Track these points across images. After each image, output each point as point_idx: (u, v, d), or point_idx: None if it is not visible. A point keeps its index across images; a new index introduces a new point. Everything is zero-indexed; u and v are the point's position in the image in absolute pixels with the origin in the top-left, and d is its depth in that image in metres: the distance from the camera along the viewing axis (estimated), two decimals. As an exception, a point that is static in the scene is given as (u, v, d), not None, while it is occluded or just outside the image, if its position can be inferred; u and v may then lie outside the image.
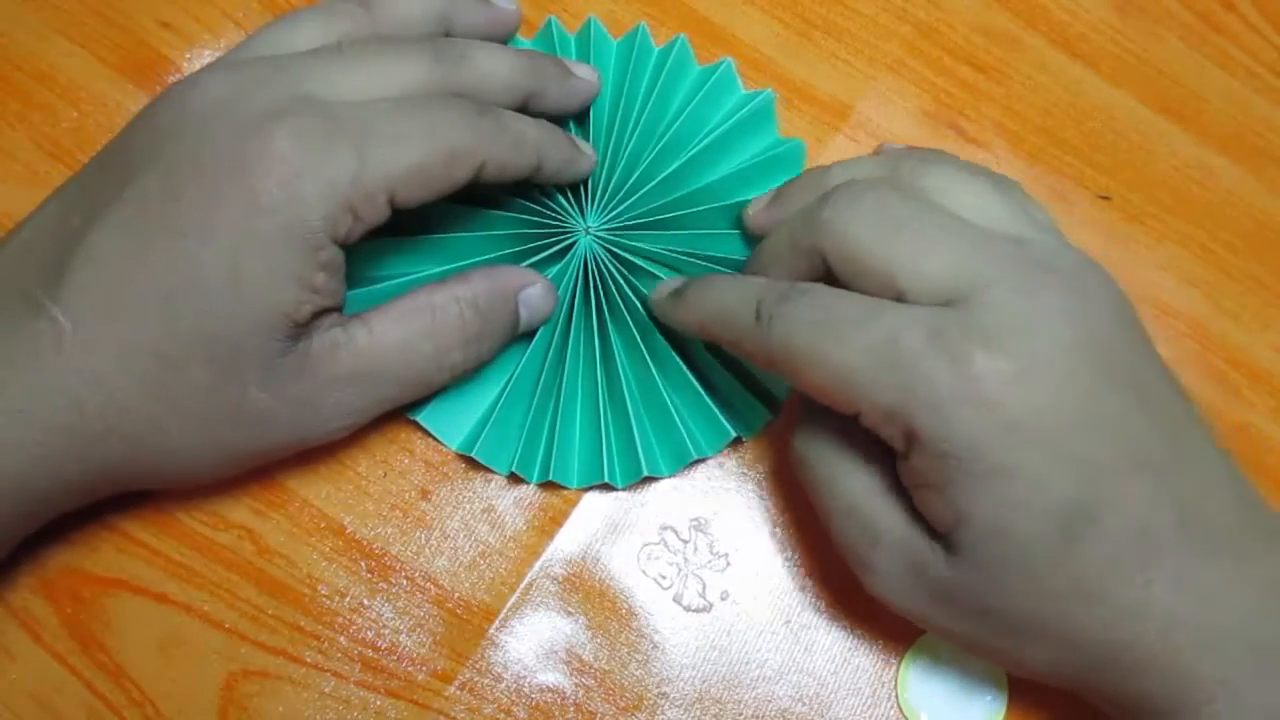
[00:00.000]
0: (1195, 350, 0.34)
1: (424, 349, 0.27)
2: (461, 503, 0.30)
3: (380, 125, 0.25)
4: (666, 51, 0.33)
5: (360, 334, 0.27)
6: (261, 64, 0.26)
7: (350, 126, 0.25)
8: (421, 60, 0.27)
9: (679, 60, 0.33)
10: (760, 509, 0.31)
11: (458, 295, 0.28)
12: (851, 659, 0.30)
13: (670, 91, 0.33)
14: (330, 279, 0.26)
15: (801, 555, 0.31)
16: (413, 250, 0.30)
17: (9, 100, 0.33)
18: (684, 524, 0.31)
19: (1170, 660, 0.24)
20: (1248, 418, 0.33)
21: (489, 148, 0.27)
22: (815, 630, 0.30)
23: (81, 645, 0.28)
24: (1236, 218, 0.35)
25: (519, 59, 0.29)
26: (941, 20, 0.36)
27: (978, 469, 0.23)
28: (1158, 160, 0.36)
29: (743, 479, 0.31)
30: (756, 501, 0.31)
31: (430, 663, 0.29)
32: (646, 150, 0.32)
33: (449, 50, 0.28)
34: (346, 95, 0.26)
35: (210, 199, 0.24)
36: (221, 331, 0.25)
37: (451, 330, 0.28)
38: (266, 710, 0.28)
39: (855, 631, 0.30)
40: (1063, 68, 0.36)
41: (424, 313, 0.28)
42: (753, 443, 0.32)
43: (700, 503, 0.31)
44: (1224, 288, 0.35)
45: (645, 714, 0.29)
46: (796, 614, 0.30)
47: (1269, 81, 0.37)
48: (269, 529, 0.30)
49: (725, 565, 0.31)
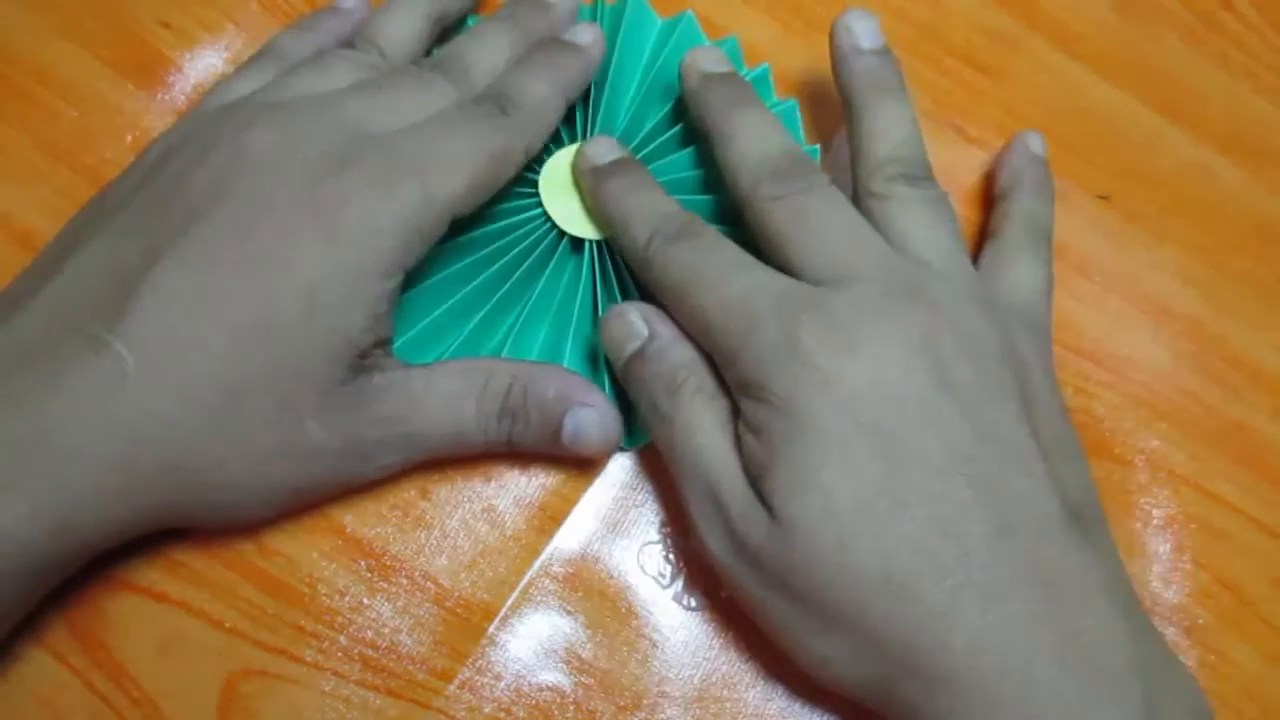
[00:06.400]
0: (1194, 350, 0.34)
1: (467, 409, 0.28)
2: (461, 502, 0.31)
3: (432, 152, 0.28)
4: (670, 27, 0.35)
5: (418, 379, 0.28)
6: (305, 104, 0.28)
7: (409, 159, 0.27)
8: (440, 85, 0.30)
9: (685, 34, 0.35)
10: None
11: (516, 374, 0.29)
12: (851, 658, 0.30)
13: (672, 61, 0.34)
14: (390, 308, 0.27)
15: (801, 555, 0.31)
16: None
17: (9, 100, 0.33)
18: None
19: (975, 683, 0.23)
20: (1248, 418, 0.33)
21: (524, 137, 0.29)
22: (815, 630, 0.30)
23: (82, 644, 0.28)
24: (1236, 218, 0.35)
25: (507, 33, 0.31)
26: (941, 20, 0.36)
27: (791, 419, 0.25)
28: (1158, 160, 0.36)
29: (742, 478, 0.31)
30: (756, 501, 0.31)
31: (430, 662, 0.29)
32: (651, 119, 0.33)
33: (455, 65, 0.30)
34: (392, 127, 0.28)
35: (288, 236, 0.26)
36: (289, 361, 0.26)
37: (496, 400, 0.28)
38: (266, 709, 0.28)
39: (855, 631, 0.30)
40: (1063, 68, 0.36)
41: (479, 375, 0.28)
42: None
43: (700, 502, 0.31)
44: (1223, 288, 0.35)
45: (645, 713, 0.29)
46: (796, 613, 0.30)
47: (1269, 81, 0.37)
48: (269, 528, 0.30)
49: (725, 565, 0.31)
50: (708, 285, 0.27)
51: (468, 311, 0.30)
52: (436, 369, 0.28)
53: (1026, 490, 0.25)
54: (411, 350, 0.30)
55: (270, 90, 0.29)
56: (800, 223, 0.28)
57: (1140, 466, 0.33)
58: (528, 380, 0.28)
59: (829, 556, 0.24)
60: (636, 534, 0.31)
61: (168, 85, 0.34)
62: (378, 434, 0.27)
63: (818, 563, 0.25)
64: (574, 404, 0.28)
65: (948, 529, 0.24)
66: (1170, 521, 0.32)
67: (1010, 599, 0.24)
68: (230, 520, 0.28)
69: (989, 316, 0.27)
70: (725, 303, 0.27)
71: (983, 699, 0.23)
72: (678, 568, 0.30)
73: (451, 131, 0.28)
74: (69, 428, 0.24)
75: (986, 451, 0.25)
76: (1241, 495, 0.33)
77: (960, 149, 0.35)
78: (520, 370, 0.29)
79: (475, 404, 0.28)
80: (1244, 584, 0.32)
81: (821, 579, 0.25)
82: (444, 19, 0.33)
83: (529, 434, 0.29)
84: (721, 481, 0.26)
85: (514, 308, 0.31)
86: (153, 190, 0.27)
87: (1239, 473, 0.33)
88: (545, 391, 0.28)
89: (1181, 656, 0.31)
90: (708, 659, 0.30)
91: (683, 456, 0.27)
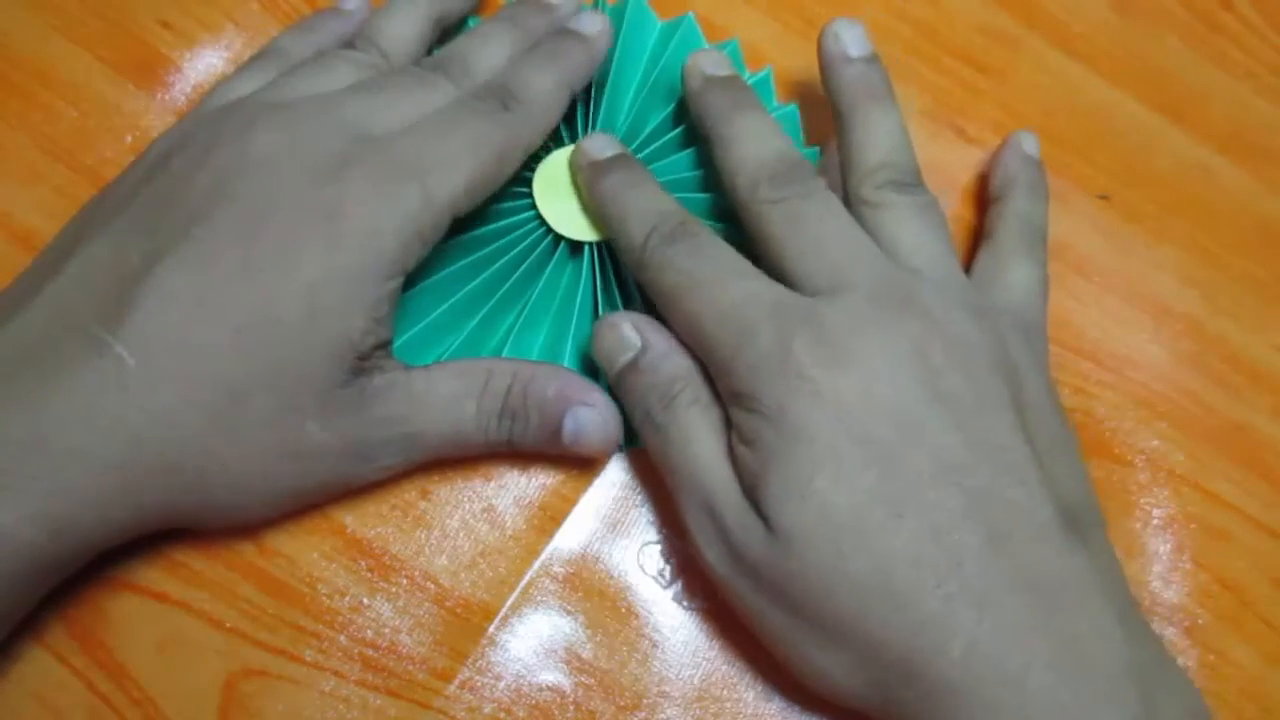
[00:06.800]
0: (1194, 350, 0.34)
1: (468, 409, 0.28)
2: (461, 502, 0.31)
3: (431, 153, 0.28)
4: (671, 29, 0.35)
5: (419, 380, 0.28)
6: (307, 105, 0.28)
7: (409, 161, 0.27)
8: (441, 85, 0.30)
9: (686, 36, 0.35)
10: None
11: (516, 373, 0.29)
12: (851, 658, 0.30)
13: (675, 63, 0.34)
14: (390, 311, 0.27)
15: (801, 555, 0.31)
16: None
17: (9, 100, 0.33)
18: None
19: (972, 690, 0.23)
20: (1248, 418, 0.33)
21: (525, 133, 0.29)
22: (815, 630, 0.30)
23: (82, 644, 0.28)
24: (1236, 218, 0.35)
25: (508, 34, 0.31)
26: (941, 20, 0.36)
27: (783, 430, 0.25)
28: (1157, 160, 0.36)
29: (742, 478, 0.31)
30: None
31: (430, 662, 0.29)
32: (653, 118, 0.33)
33: (456, 65, 0.30)
34: (393, 127, 0.28)
35: (290, 238, 0.26)
36: (291, 363, 0.26)
37: (497, 399, 0.28)
38: (267, 709, 0.28)
39: (855, 631, 0.30)
40: (1063, 68, 0.36)
41: (480, 375, 0.28)
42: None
43: (700, 502, 0.31)
44: (1223, 287, 0.35)
45: (645, 713, 0.29)
46: (796, 613, 0.30)
47: (1269, 81, 0.37)
48: (269, 528, 0.30)
49: (725, 565, 0.31)
50: (702, 291, 0.27)
51: (468, 311, 0.30)
52: (436, 370, 0.28)
53: (1019, 497, 0.25)
54: (411, 350, 0.30)
55: (271, 90, 0.29)
56: (796, 227, 0.28)
57: (1140, 466, 0.33)
58: (528, 380, 0.28)
59: (826, 566, 0.25)
60: (636, 534, 0.31)
61: (168, 85, 0.34)
62: (379, 435, 0.27)
63: (814, 572, 0.25)
64: (574, 403, 0.28)
65: (941, 538, 0.24)
66: (1170, 521, 0.32)
67: (1005, 606, 0.24)
68: (231, 521, 0.28)
69: (981, 323, 0.27)
70: (719, 311, 0.27)
71: (980, 706, 0.23)
72: (677, 569, 0.30)
73: (451, 129, 0.28)
74: (69, 428, 0.24)
75: (978, 460, 0.25)
76: (1241, 495, 0.33)
77: (960, 149, 0.35)
78: (520, 369, 0.29)
79: (476, 404, 0.28)
80: (1244, 584, 0.32)
81: (819, 588, 0.25)
82: (445, 19, 0.33)
83: (529, 434, 0.29)
84: (717, 493, 0.26)
85: (514, 308, 0.31)
86: (154, 191, 0.27)
87: (1239, 473, 0.33)
88: (545, 391, 0.28)
89: (1181, 657, 0.31)
90: (708, 659, 0.30)
91: (678, 468, 0.27)
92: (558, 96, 0.30)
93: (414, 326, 0.30)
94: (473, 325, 0.30)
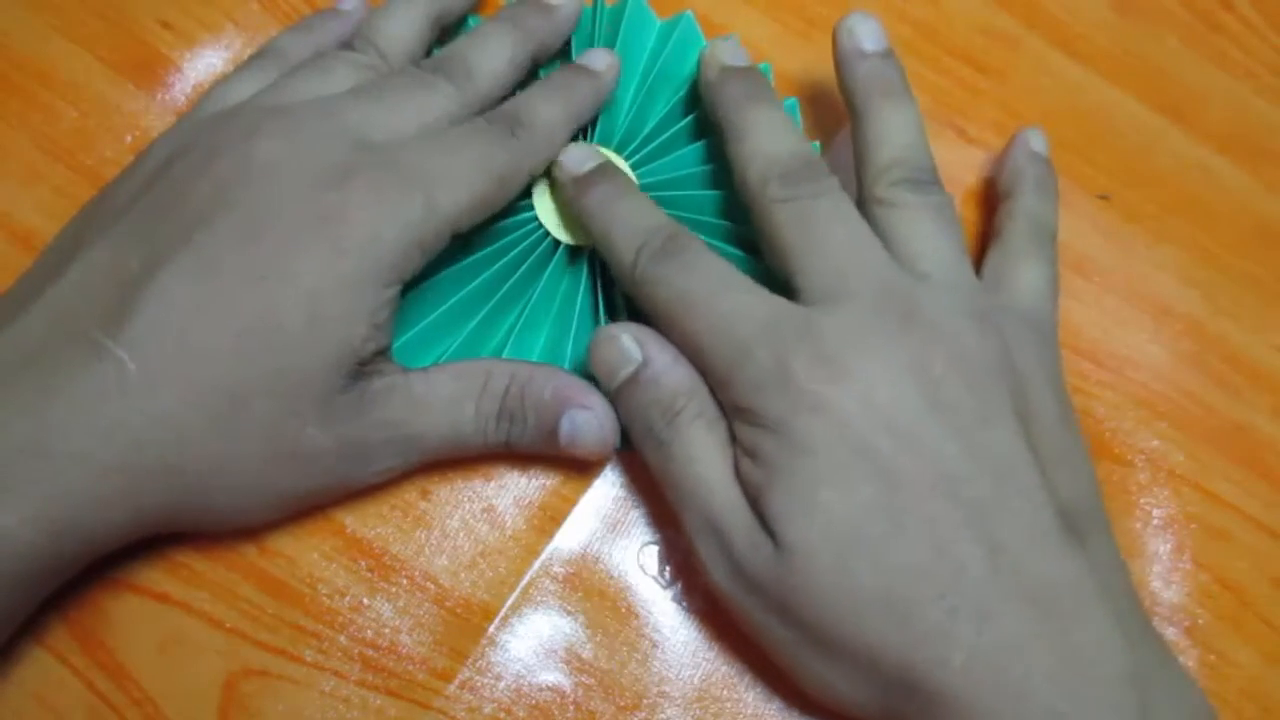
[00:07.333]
0: (1194, 350, 0.34)
1: (467, 410, 0.28)
2: (461, 502, 0.31)
3: (437, 166, 0.28)
4: (669, 27, 0.35)
5: (418, 383, 0.28)
6: (308, 110, 0.28)
7: (413, 172, 0.27)
8: (442, 88, 0.30)
9: (684, 36, 0.34)
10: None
11: (514, 374, 0.29)
12: (851, 658, 0.30)
13: (676, 64, 0.34)
14: (390, 317, 0.27)
15: (801, 555, 0.31)
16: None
17: (9, 100, 0.33)
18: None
19: (973, 702, 0.24)
20: (1248, 418, 0.33)
21: (529, 159, 0.30)
22: (815, 630, 0.30)
23: (82, 645, 0.28)
24: (1236, 218, 0.35)
25: (508, 34, 0.31)
26: (941, 20, 0.36)
27: (785, 443, 0.25)
28: (1157, 160, 0.36)
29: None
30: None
31: (430, 662, 0.29)
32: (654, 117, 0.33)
33: (457, 68, 0.30)
34: (396, 134, 0.28)
35: (292, 244, 0.26)
36: (291, 369, 0.26)
37: (495, 401, 0.28)
38: (267, 709, 0.28)
39: (855, 631, 0.30)
40: (1063, 68, 0.36)
41: (478, 377, 0.28)
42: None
43: (700, 502, 0.31)
44: (1223, 288, 0.35)
45: (645, 713, 0.29)
46: (796, 613, 0.30)
47: (1269, 81, 0.37)
48: (269, 529, 0.30)
49: (725, 565, 0.31)
50: (697, 308, 0.27)
51: (467, 312, 0.30)
52: (435, 372, 0.28)
53: (1019, 507, 0.25)
54: (411, 351, 0.30)
55: (271, 93, 0.29)
56: (804, 228, 0.28)
57: (1140, 466, 0.33)
58: (525, 381, 0.28)
59: (829, 579, 0.25)
60: (636, 534, 0.31)
61: (168, 85, 0.34)
62: (378, 438, 0.27)
63: (818, 586, 0.25)
64: (571, 405, 0.28)
65: (941, 549, 0.24)
66: (1170, 521, 0.32)
67: (1004, 617, 0.24)
68: (230, 524, 0.28)
69: (985, 330, 0.27)
70: (714, 328, 0.27)
71: (980, 716, 0.23)
72: (676, 569, 0.30)
73: (459, 148, 0.28)
74: (70, 432, 0.24)
75: (978, 471, 0.25)
76: (1241, 495, 0.33)
77: (960, 149, 0.35)
78: (518, 371, 0.29)
79: (474, 405, 0.28)
80: (1244, 584, 0.32)
81: (823, 602, 0.25)
82: (444, 19, 0.33)
83: (526, 435, 0.29)
84: (724, 511, 0.26)
85: (514, 309, 0.31)
86: (155, 196, 0.27)
87: (1239, 473, 0.33)
88: (542, 392, 0.28)
89: (1181, 657, 0.31)
90: (708, 659, 0.30)
91: (680, 484, 0.27)
92: (564, 127, 0.30)
93: (413, 327, 0.30)
94: (472, 326, 0.30)
